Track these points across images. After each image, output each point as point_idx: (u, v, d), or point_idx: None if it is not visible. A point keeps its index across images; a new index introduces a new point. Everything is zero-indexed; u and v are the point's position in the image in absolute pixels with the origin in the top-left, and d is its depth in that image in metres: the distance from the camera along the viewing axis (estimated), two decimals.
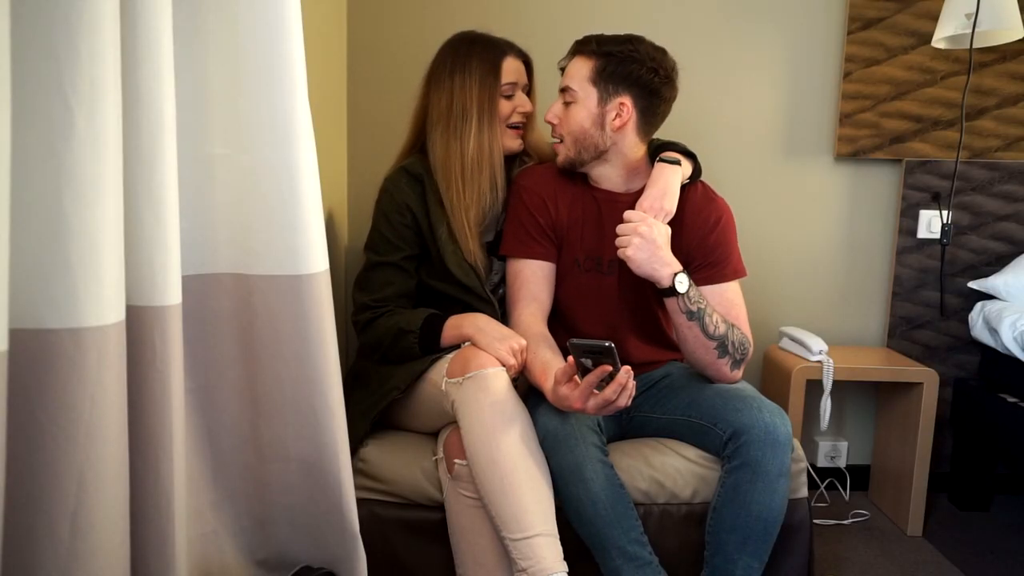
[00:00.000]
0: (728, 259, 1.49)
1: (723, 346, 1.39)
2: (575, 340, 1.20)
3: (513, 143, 1.56)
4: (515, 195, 1.55)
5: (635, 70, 1.41)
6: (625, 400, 1.21)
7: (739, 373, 1.44)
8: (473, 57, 1.51)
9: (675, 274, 1.34)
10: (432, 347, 1.46)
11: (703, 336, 1.37)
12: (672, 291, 1.34)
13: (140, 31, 0.86)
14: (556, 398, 1.27)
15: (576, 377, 1.24)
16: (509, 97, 1.53)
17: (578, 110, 1.45)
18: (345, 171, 2.10)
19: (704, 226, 1.48)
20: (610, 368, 1.18)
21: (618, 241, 1.36)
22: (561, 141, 1.49)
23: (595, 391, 1.21)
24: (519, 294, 1.50)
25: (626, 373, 1.18)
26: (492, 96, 1.50)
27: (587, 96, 1.44)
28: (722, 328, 1.39)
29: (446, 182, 1.50)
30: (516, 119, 1.55)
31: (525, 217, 1.51)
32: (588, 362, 1.20)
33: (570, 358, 1.23)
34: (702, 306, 1.37)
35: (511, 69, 1.53)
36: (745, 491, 1.30)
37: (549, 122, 1.50)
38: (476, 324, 1.43)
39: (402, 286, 1.53)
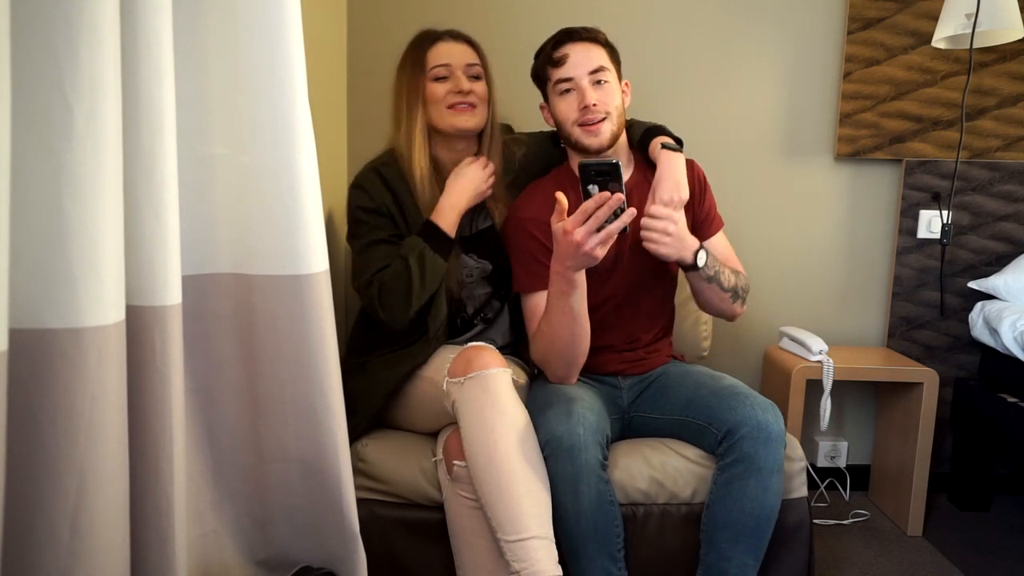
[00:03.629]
0: (714, 214, 1.60)
1: (735, 292, 1.52)
2: (584, 160, 1.24)
3: (462, 121, 1.51)
4: (519, 228, 1.53)
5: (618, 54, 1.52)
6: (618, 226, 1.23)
7: (745, 308, 1.57)
8: (408, 50, 1.56)
9: (696, 251, 1.41)
10: (447, 245, 1.47)
11: (720, 291, 1.49)
12: (695, 266, 1.42)
13: (140, 31, 0.86)
14: (555, 232, 1.27)
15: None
16: (443, 79, 1.51)
17: (613, 87, 1.48)
18: (345, 171, 2.10)
19: (695, 193, 1.55)
20: (608, 194, 1.21)
21: (645, 235, 1.39)
22: (603, 120, 1.45)
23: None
24: None
25: (630, 215, 1.23)
26: (417, 84, 1.52)
27: (614, 75, 1.49)
28: (732, 279, 1.51)
29: (401, 165, 1.53)
30: (454, 99, 1.50)
31: (536, 248, 1.50)
32: (595, 189, 1.23)
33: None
34: (718, 268, 1.47)
35: (441, 52, 1.52)
36: (738, 487, 1.30)
37: (590, 105, 1.43)
38: (447, 196, 1.50)
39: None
